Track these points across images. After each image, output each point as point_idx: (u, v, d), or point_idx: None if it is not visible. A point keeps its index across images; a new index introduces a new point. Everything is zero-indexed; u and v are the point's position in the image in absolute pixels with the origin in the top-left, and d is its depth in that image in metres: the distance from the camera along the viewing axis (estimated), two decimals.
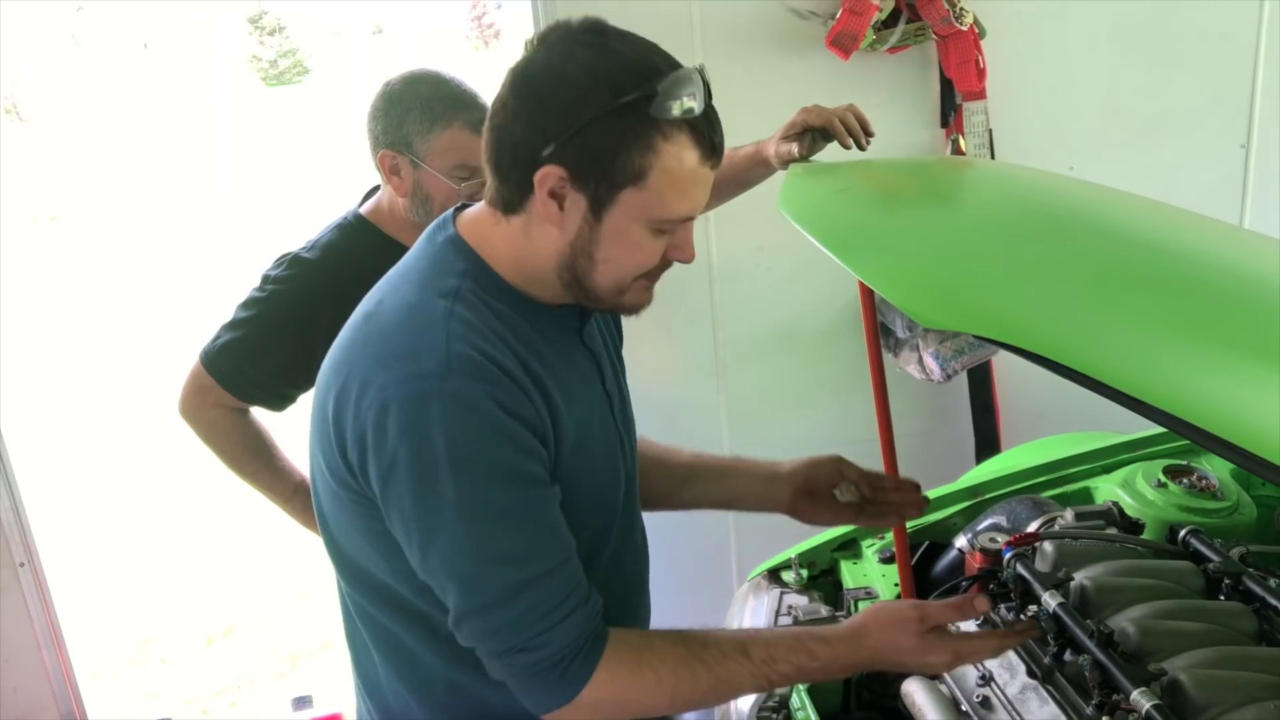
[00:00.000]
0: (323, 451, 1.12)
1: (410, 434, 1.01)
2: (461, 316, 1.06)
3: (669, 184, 1.05)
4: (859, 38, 2.29)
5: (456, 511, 1.03)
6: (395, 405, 1.01)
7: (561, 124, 1.03)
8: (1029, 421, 2.72)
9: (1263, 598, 1.37)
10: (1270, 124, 2.75)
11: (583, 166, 1.04)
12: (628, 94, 1.01)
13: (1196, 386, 0.78)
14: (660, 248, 1.12)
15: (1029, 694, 1.33)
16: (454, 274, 1.11)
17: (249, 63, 29.30)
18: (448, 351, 1.03)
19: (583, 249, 1.10)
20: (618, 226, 1.08)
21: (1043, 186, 1.42)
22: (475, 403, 1.02)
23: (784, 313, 2.66)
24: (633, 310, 1.18)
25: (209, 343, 1.77)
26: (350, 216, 1.82)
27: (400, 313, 1.09)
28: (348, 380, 1.07)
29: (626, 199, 1.06)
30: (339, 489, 1.11)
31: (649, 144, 1.03)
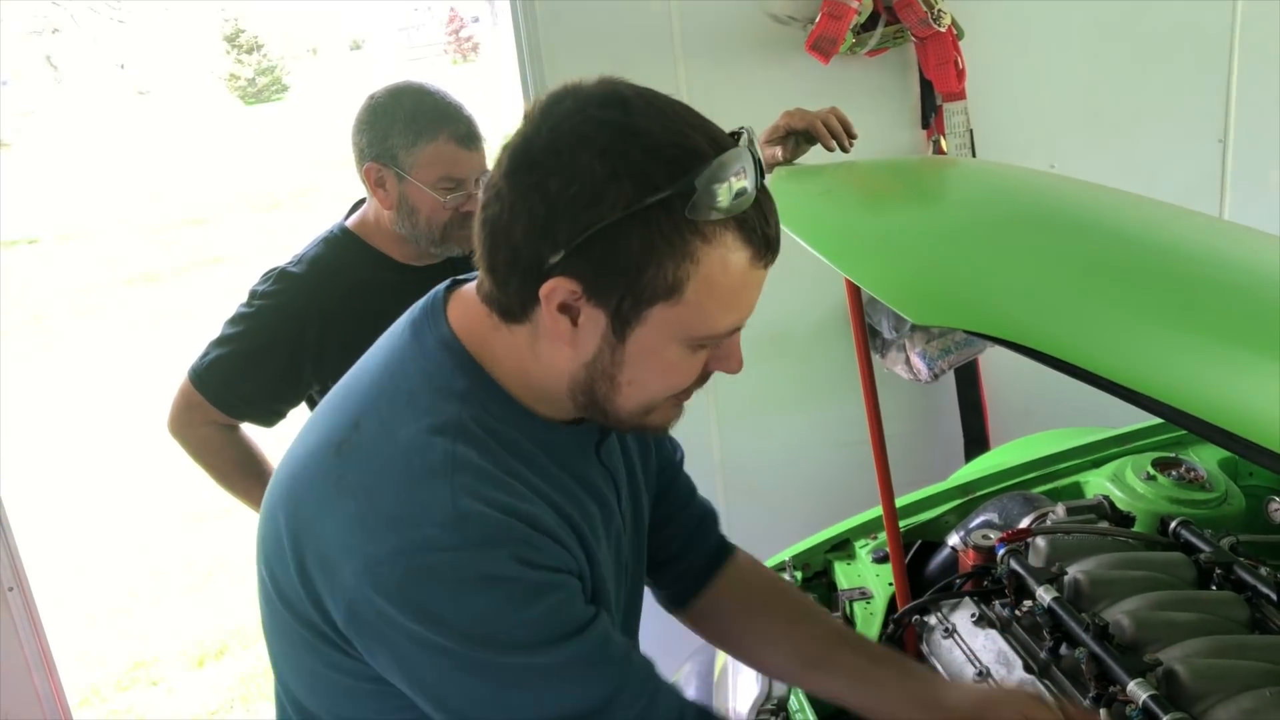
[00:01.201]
0: (283, 587, 0.91)
1: (423, 618, 0.83)
2: (467, 462, 0.86)
3: (712, 295, 0.84)
4: (838, 41, 2.30)
5: (507, 688, 0.85)
6: (396, 586, 0.83)
7: (572, 227, 0.81)
8: (1017, 419, 2.74)
9: (1254, 586, 1.38)
10: (1246, 119, 2.78)
11: (601, 280, 0.83)
12: (659, 191, 0.80)
13: (1185, 374, 0.79)
14: (699, 364, 0.91)
15: (1027, 689, 1.33)
16: (453, 396, 0.90)
17: (227, 81, 29.24)
18: (455, 511, 0.83)
19: (603, 371, 0.89)
20: (647, 347, 0.87)
21: (1027, 184, 1.43)
22: (497, 571, 0.83)
23: (771, 316, 2.62)
24: (659, 430, 0.97)
25: (197, 360, 1.77)
26: (336, 230, 1.82)
27: (386, 456, 0.87)
28: (323, 533, 0.87)
29: (658, 316, 0.84)
30: (309, 636, 0.91)
31: (686, 251, 0.82)
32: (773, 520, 2.27)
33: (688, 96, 0.88)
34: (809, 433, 2.75)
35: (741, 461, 2.75)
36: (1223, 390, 0.77)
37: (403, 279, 1.76)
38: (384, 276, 1.76)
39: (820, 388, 2.72)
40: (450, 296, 0.98)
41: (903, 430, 2.67)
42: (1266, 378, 0.77)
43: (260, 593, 0.97)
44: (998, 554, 1.49)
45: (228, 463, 1.81)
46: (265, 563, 0.94)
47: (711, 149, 0.82)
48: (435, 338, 0.94)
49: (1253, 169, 2.83)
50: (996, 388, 2.82)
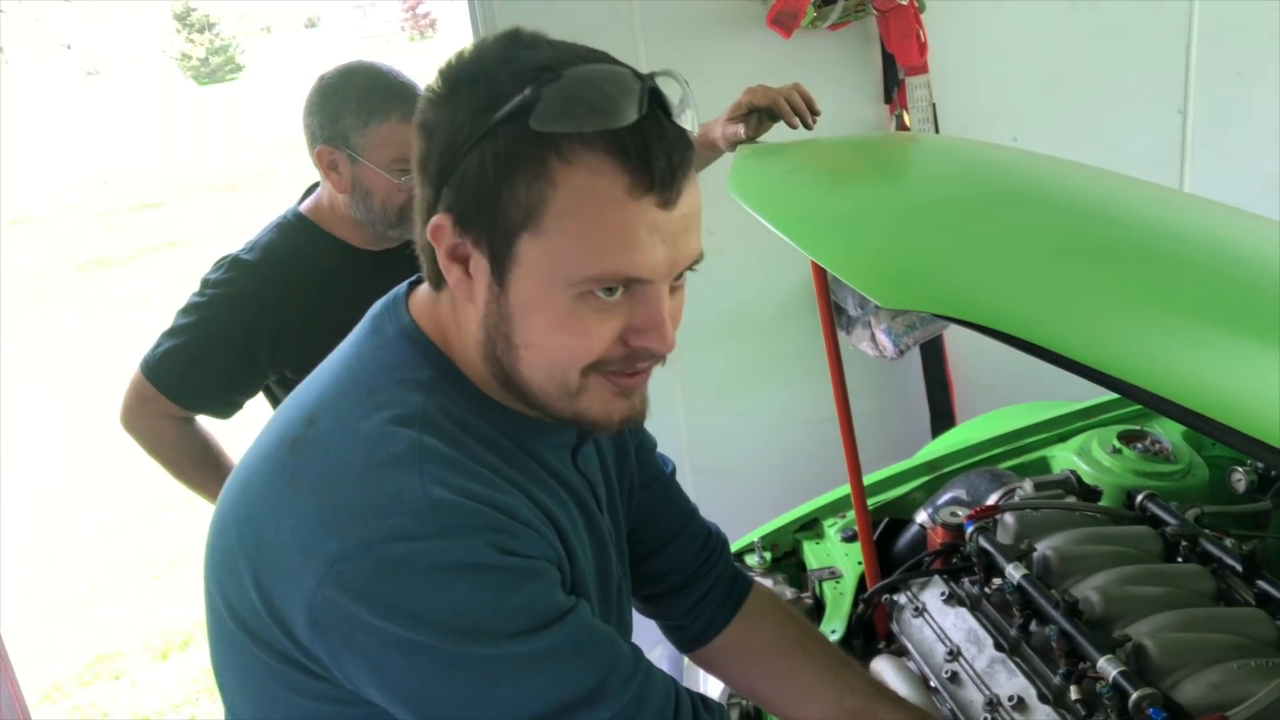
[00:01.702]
0: (237, 608, 0.84)
1: (397, 616, 0.76)
2: (435, 451, 0.81)
3: (580, 226, 0.77)
4: (799, 15, 2.28)
5: (494, 682, 0.78)
6: (364, 582, 0.76)
7: (440, 156, 0.80)
8: (982, 394, 2.75)
9: (1219, 558, 1.39)
10: (1206, 89, 2.80)
11: (466, 208, 0.79)
12: (507, 103, 0.76)
13: (1150, 353, 0.78)
14: (606, 327, 0.82)
15: (997, 666, 1.33)
16: (417, 387, 0.85)
17: (179, 61, 28.67)
18: (426, 499, 0.77)
19: (497, 329, 0.83)
20: (528, 293, 0.80)
21: (990, 160, 1.42)
22: (474, 559, 0.77)
23: (737, 295, 2.66)
24: (602, 425, 0.88)
25: (149, 351, 1.72)
26: (290, 215, 1.78)
27: (346, 448, 0.82)
28: (278, 538, 0.80)
29: (528, 251, 0.79)
30: (269, 659, 0.83)
31: (541, 170, 0.76)
32: (741, 500, 2.27)
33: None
34: (776, 411, 2.75)
35: (709, 441, 2.74)
36: (1189, 370, 0.77)
37: (359, 264, 1.73)
38: (340, 262, 1.72)
39: (787, 366, 2.71)
40: (413, 290, 0.94)
41: (869, 407, 2.67)
42: (1234, 358, 0.76)
43: (209, 619, 0.89)
44: (966, 531, 1.49)
45: (183, 456, 1.77)
46: (216, 582, 0.87)
47: (576, 63, 0.78)
48: (396, 328, 0.89)
49: (1212, 139, 2.85)
50: (962, 363, 2.83)
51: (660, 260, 0.80)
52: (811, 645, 1.20)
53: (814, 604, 1.68)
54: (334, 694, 0.82)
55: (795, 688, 1.16)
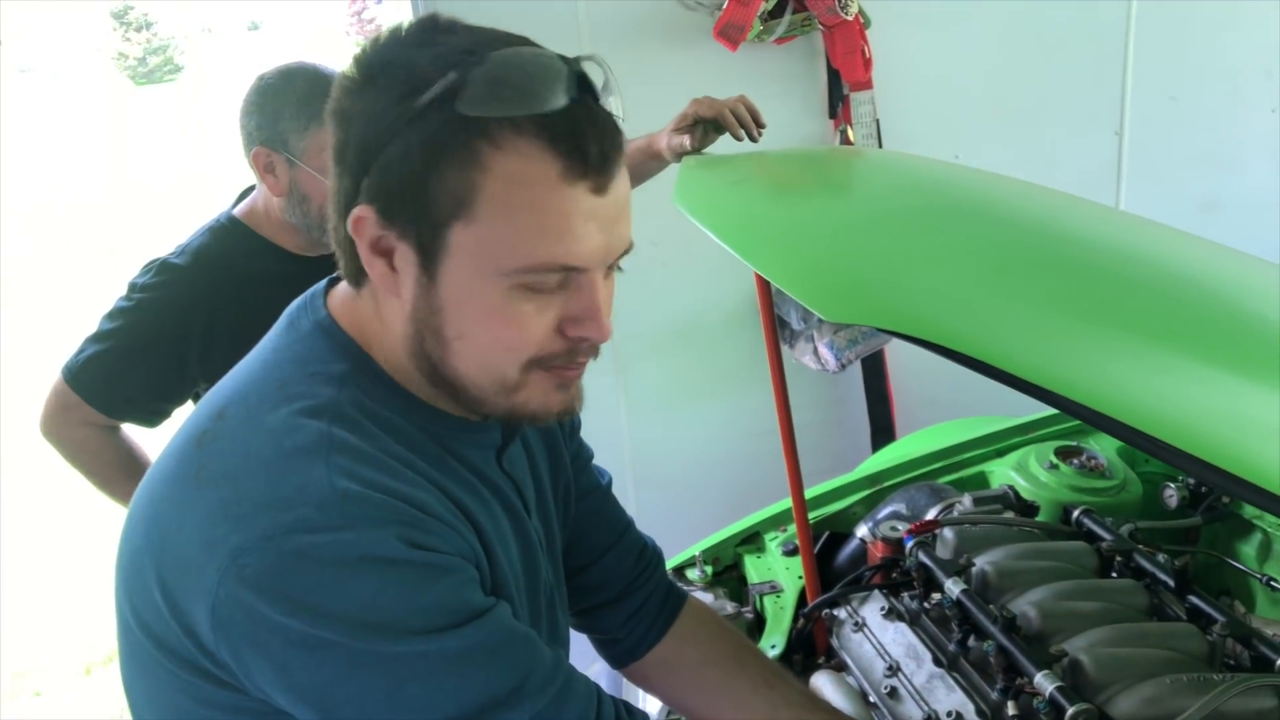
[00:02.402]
0: (143, 613, 0.80)
1: (301, 612, 0.72)
2: (345, 443, 0.77)
3: (513, 214, 0.75)
4: (746, 28, 2.28)
5: (405, 682, 0.74)
6: (268, 576, 0.72)
7: (360, 145, 0.77)
8: (922, 408, 2.77)
9: (1153, 573, 1.41)
10: (1141, 112, 2.87)
11: (392, 199, 0.76)
12: (429, 88, 0.74)
13: (1090, 370, 0.79)
14: (543, 319, 0.80)
15: (936, 682, 1.33)
16: (330, 380, 0.82)
17: (115, 60, 28.04)
18: (332, 491, 0.74)
19: (427, 324, 0.80)
20: (461, 284, 0.77)
21: (934, 175, 1.43)
22: (382, 552, 0.73)
23: (681, 307, 2.65)
24: (540, 418, 0.85)
25: (72, 357, 1.66)
26: (223, 219, 1.73)
27: (252, 441, 0.78)
28: (181, 535, 0.77)
29: (460, 241, 0.76)
30: (176, 668, 0.79)
31: (470, 157, 0.74)
32: (682, 513, 2.26)
33: None
34: (718, 423, 2.75)
35: (651, 453, 2.73)
36: (1126, 386, 0.77)
37: (293, 269, 1.68)
38: (273, 267, 1.67)
39: (729, 378, 2.71)
40: (332, 287, 0.91)
41: (810, 420, 2.69)
42: (1170, 374, 0.77)
43: (119, 630, 0.86)
44: (906, 546, 1.49)
45: (108, 466, 1.71)
46: (124, 589, 0.83)
47: (500, 47, 0.76)
48: (311, 323, 0.86)
49: (1146, 160, 2.92)
50: (902, 377, 2.86)
51: (596, 248, 0.79)
52: (745, 658, 1.18)
53: (755, 618, 1.67)
54: (243, 704, 0.79)
55: (728, 701, 1.14)
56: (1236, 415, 0.70)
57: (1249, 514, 1.65)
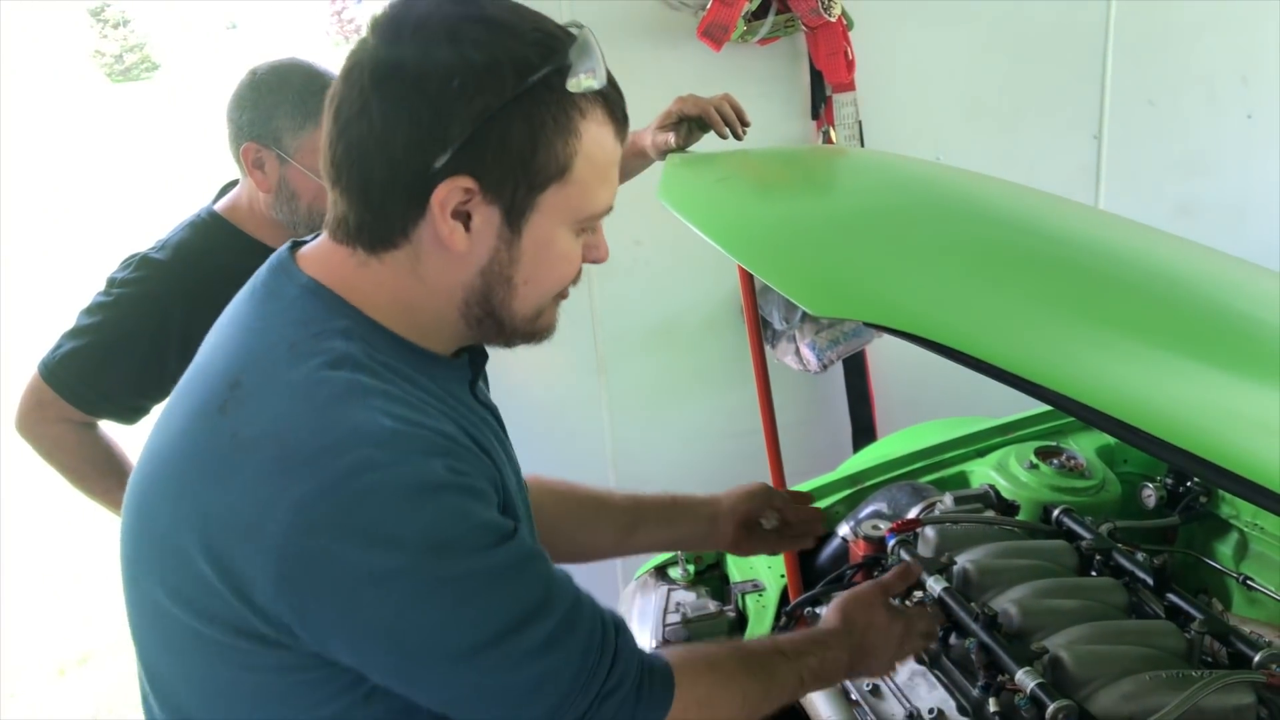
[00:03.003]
0: (186, 591, 0.83)
1: (375, 543, 0.77)
2: (373, 388, 0.83)
3: (594, 171, 0.88)
4: (730, 29, 2.29)
5: (459, 603, 0.81)
6: (340, 516, 0.77)
7: (461, 123, 0.81)
8: (903, 408, 2.78)
9: (1131, 572, 1.42)
10: (1119, 116, 2.89)
11: (496, 171, 0.84)
12: (538, 69, 0.82)
13: (1077, 363, 0.79)
14: (579, 254, 0.94)
15: (917, 679, 1.34)
16: (336, 335, 0.86)
17: (92, 58, 27.80)
18: (381, 429, 0.79)
19: (499, 274, 0.89)
20: (541, 236, 0.88)
21: (919, 173, 1.44)
22: (437, 479, 0.80)
23: (663, 307, 2.65)
24: (545, 334, 0.98)
25: (49, 353, 1.64)
26: (204, 214, 1.71)
27: (284, 398, 0.82)
28: (227, 500, 0.80)
29: (550, 200, 0.87)
30: (224, 637, 0.83)
31: (570, 126, 0.85)
32: None
33: None
34: (701, 423, 2.75)
35: (633, 452, 2.73)
36: (1114, 379, 0.78)
37: None
38: (255, 263, 1.62)
39: (712, 378, 2.72)
40: (295, 254, 0.95)
41: (792, 420, 2.69)
42: (1157, 367, 0.77)
43: (143, 621, 0.90)
44: (888, 544, 1.50)
45: (84, 463, 1.68)
46: (153, 576, 0.86)
47: (563, 32, 0.87)
48: (296, 289, 0.90)
49: (1124, 163, 2.95)
50: (883, 378, 2.87)
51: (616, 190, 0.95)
52: (573, 495, 1.33)
53: (737, 616, 1.68)
54: (290, 662, 0.83)
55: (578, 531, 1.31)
56: (1218, 408, 0.70)
57: (1226, 514, 1.67)
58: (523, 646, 0.84)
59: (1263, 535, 1.61)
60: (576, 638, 0.88)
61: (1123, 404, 0.73)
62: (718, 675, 1.02)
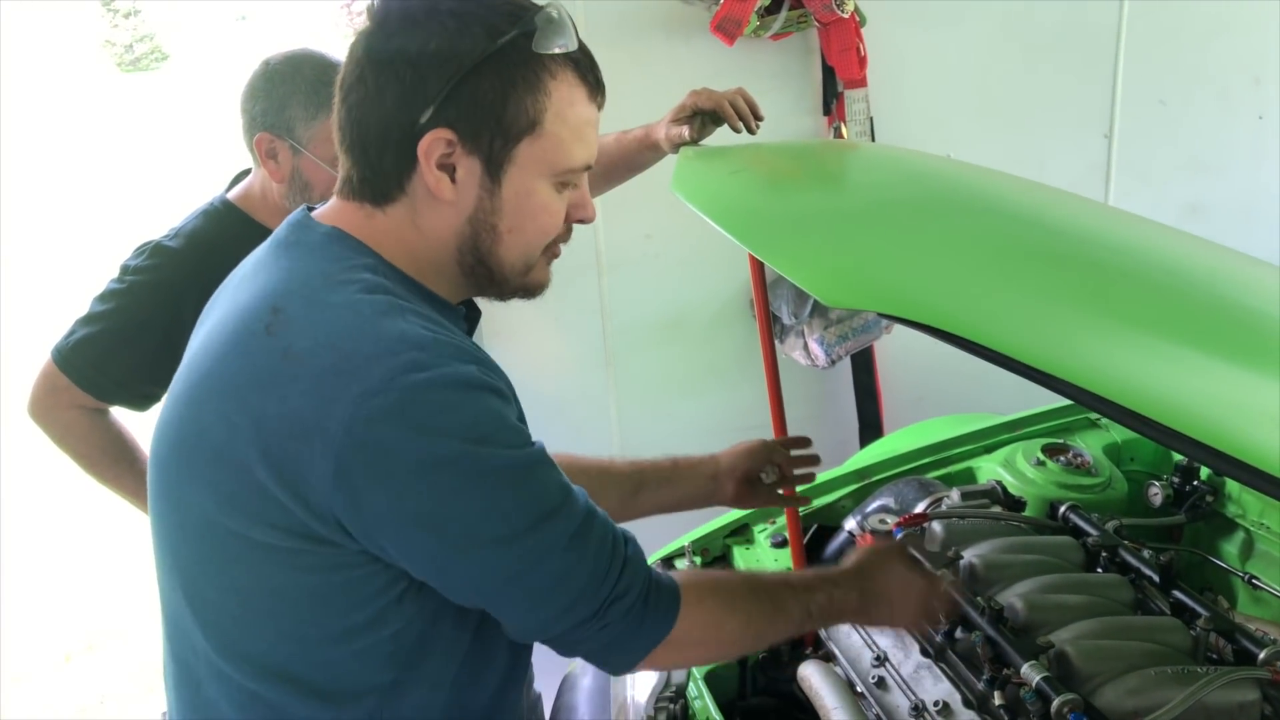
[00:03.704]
0: (237, 502, 0.91)
1: (428, 433, 0.85)
2: (409, 308, 0.92)
3: (565, 128, 0.98)
4: (743, 23, 2.29)
5: (499, 490, 0.89)
6: (397, 409, 0.85)
7: (439, 80, 0.92)
8: (910, 405, 2.78)
9: (1137, 568, 1.42)
10: (1130, 115, 2.89)
11: (471, 124, 0.94)
12: (505, 33, 0.93)
13: (1094, 356, 0.80)
14: (563, 208, 1.03)
15: (923, 672, 1.35)
16: (365, 269, 0.95)
17: (102, 47, 27.81)
18: (425, 336, 0.89)
19: (484, 222, 0.99)
20: (520, 187, 0.98)
21: (932, 168, 1.44)
22: (476, 380, 0.89)
23: (672, 300, 2.66)
24: (538, 289, 1.07)
25: (62, 339, 1.65)
26: (217, 202, 1.72)
27: (331, 315, 0.90)
28: (286, 406, 0.87)
29: (525, 153, 0.97)
30: (277, 540, 0.90)
31: (538, 85, 0.95)
32: None
33: None
34: (708, 417, 2.75)
35: (641, 446, 2.70)
36: (1125, 370, 0.78)
37: None
38: None
39: (720, 372, 2.72)
40: (310, 214, 1.04)
41: (799, 415, 2.69)
42: (1173, 361, 0.78)
43: (185, 541, 0.98)
44: (894, 538, 1.50)
45: (95, 449, 1.69)
46: (206, 489, 0.93)
47: (533, 4, 0.96)
48: (319, 235, 0.99)
49: (1135, 163, 2.95)
50: (891, 374, 2.87)
51: (596, 150, 1.04)
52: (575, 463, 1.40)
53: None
54: (337, 560, 0.91)
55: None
56: (1228, 398, 0.71)
57: (1232, 513, 1.67)
58: (547, 541, 0.92)
59: (1268, 534, 1.61)
60: (591, 541, 0.95)
61: (1134, 394, 0.74)
62: (723, 598, 1.08)
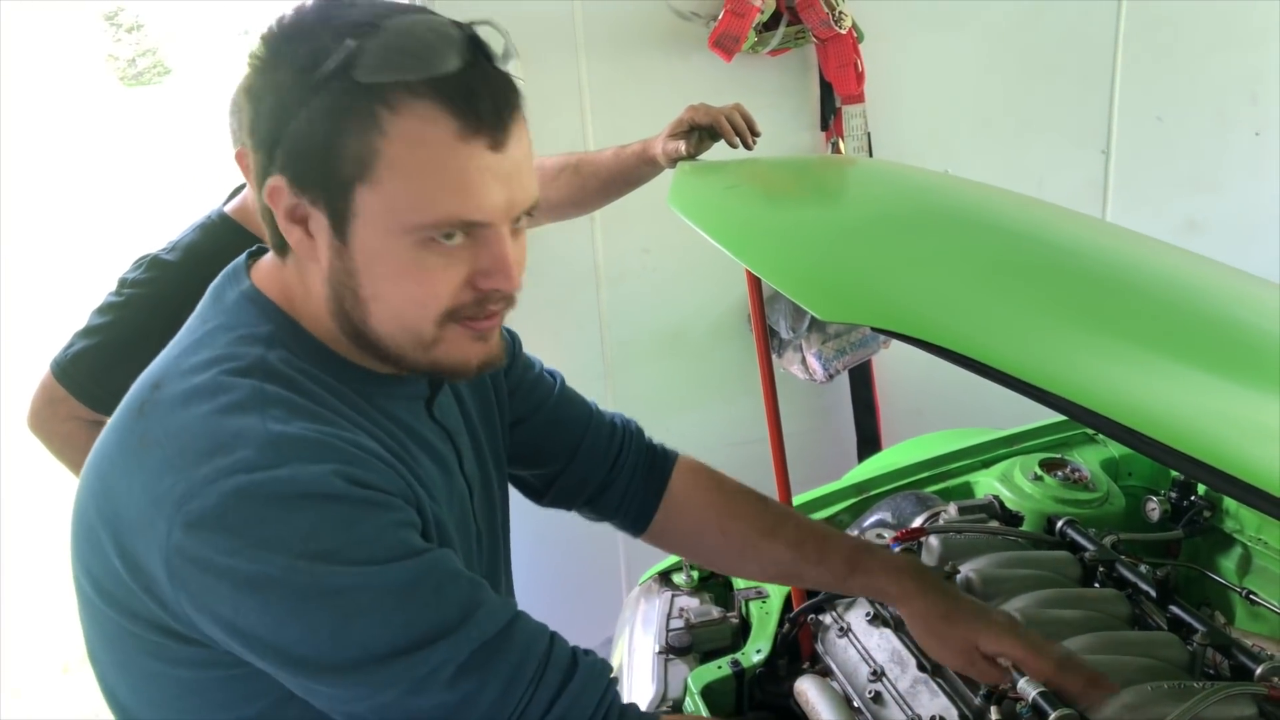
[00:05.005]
0: (105, 583, 0.83)
1: (248, 545, 0.74)
2: (278, 396, 0.81)
3: (413, 173, 0.78)
4: (741, 39, 2.30)
5: (351, 616, 0.76)
6: (214, 516, 0.74)
7: (268, 119, 0.80)
8: (908, 419, 2.79)
9: (1134, 583, 1.42)
10: (1128, 131, 2.90)
11: (298, 169, 0.80)
12: (328, 61, 0.77)
13: (1090, 371, 0.80)
14: (451, 274, 0.83)
15: (920, 687, 1.34)
16: (256, 341, 0.85)
17: (106, 61, 27.95)
18: (269, 434, 0.77)
19: (343, 285, 0.83)
20: (370, 245, 0.81)
21: (928, 183, 1.45)
22: (321, 488, 0.76)
23: (671, 314, 2.66)
24: (460, 372, 0.89)
25: (61, 351, 1.65)
26: (214, 216, 1.72)
27: (190, 402, 0.81)
28: (131, 497, 0.79)
29: (364, 203, 0.80)
30: (141, 631, 0.82)
31: (370, 122, 0.77)
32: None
33: (589, 90, 0.89)
34: (706, 431, 2.75)
35: None
36: (1127, 389, 0.78)
37: None
38: None
39: (718, 386, 2.72)
40: (254, 260, 0.94)
41: (797, 429, 2.70)
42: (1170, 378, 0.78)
43: (79, 605, 0.89)
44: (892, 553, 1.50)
45: None
46: (81, 564, 0.86)
47: (395, 17, 0.79)
48: (236, 294, 0.90)
49: (1132, 179, 2.96)
50: (889, 388, 2.87)
51: (497, 203, 0.82)
52: (729, 525, 1.25)
53: (740, 623, 1.68)
54: (211, 658, 0.81)
55: (724, 562, 1.32)
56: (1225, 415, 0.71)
57: (1229, 528, 1.67)
58: (420, 672, 0.78)
59: (1266, 550, 1.61)
60: (494, 672, 0.81)
61: (1130, 410, 0.74)
62: None
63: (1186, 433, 0.68)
